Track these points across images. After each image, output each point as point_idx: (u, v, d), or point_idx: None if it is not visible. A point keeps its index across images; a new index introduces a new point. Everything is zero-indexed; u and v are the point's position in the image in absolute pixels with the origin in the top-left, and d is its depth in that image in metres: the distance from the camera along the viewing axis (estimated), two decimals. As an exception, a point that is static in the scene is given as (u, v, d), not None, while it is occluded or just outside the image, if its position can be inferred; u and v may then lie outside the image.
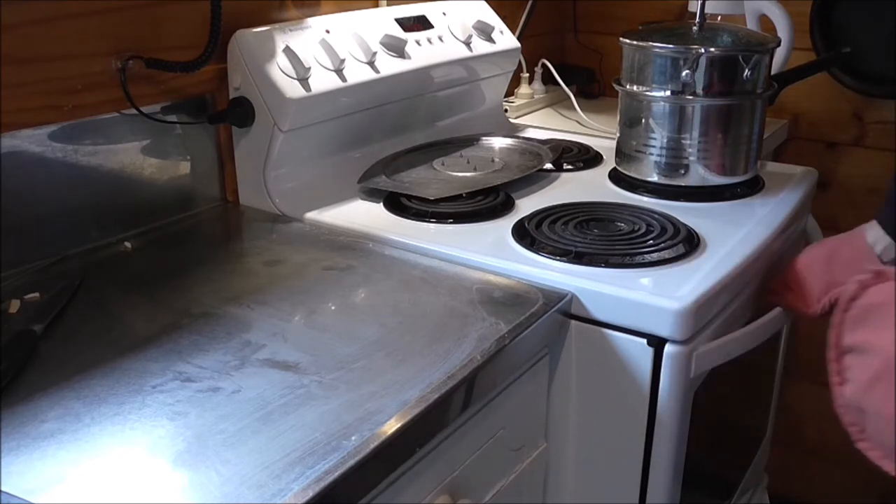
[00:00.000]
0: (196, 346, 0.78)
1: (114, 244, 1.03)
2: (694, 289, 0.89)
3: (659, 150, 1.18)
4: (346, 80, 1.16)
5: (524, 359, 0.87)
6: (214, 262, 1.00)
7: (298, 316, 0.85)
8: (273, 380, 0.73)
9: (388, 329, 0.82)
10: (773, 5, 1.44)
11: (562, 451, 0.98)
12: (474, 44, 1.38)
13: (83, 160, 1.00)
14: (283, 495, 0.58)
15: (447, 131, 1.41)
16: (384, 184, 1.17)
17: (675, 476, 0.95)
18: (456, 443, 0.79)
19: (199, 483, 0.60)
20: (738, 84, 1.15)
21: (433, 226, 1.07)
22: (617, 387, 0.92)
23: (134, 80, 1.02)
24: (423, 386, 0.72)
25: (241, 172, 1.17)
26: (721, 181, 1.18)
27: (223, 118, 1.13)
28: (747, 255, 0.99)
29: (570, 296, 0.90)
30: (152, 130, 1.07)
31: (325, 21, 1.19)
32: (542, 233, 1.02)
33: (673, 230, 1.03)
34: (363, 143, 1.27)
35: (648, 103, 1.18)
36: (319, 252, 1.01)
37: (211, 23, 1.05)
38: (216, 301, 0.88)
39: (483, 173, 1.22)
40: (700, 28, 1.18)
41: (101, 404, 0.69)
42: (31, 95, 0.93)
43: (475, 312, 0.85)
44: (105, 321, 0.85)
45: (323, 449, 0.63)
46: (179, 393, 0.71)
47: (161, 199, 1.10)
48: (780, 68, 1.42)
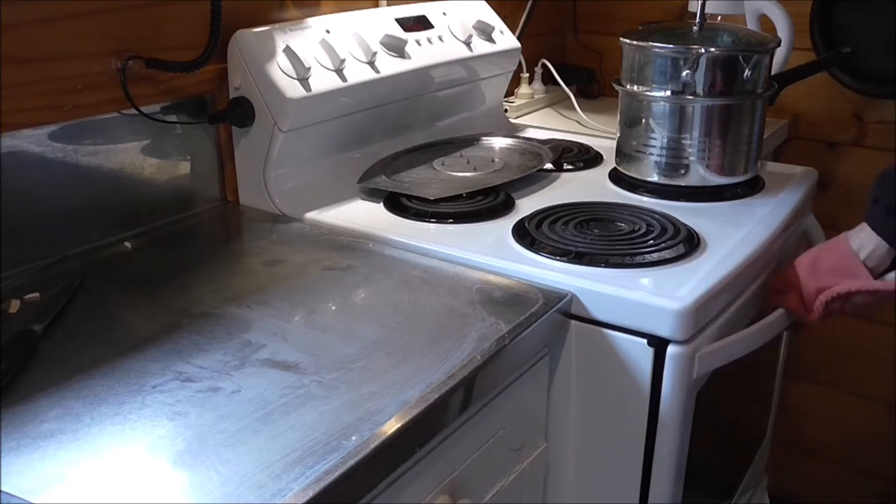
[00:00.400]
0: (196, 346, 0.78)
1: (114, 244, 1.03)
2: (694, 289, 0.89)
3: (659, 150, 1.18)
4: (346, 80, 1.16)
5: (524, 359, 0.87)
6: (214, 262, 1.00)
7: (298, 316, 0.85)
8: (273, 380, 0.73)
9: (388, 329, 0.82)
10: (773, 5, 1.44)
11: (562, 451, 0.98)
12: (474, 44, 1.38)
13: (83, 160, 1.00)
14: (283, 495, 0.58)
15: (447, 131, 1.41)
16: (384, 184, 1.17)
17: (677, 476, 0.95)
18: (456, 443, 0.79)
19: (199, 483, 0.60)
20: (739, 84, 1.15)
21: (433, 226, 1.07)
22: (617, 387, 0.92)
23: (134, 80, 1.02)
24: (423, 386, 0.72)
25: (241, 172, 1.17)
26: (721, 181, 1.18)
27: (223, 118, 1.13)
28: (747, 255, 0.99)
29: (570, 296, 0.90)
30: (152, 130, 1.07)
31: (326, 21, 1.19)
32: (542, 233, 1.02)
33: (673, 230, 1.03)
34: (363, 143, 1.27)
35: (648, 103, 1.18)
36: (319, 252, 1.01)
37: (211, 23, 1.05)
38: (216, 301, 0.88)
39: (483, 173, 1.22)
40: (700, 28, 1.18)
41: (101, 404, 0.69)
42: (31, 95, 0.93)
43: (475, 312, 0.85)
44: (105, 321, 0.85)
45: (323, 449, 0.63)
46: (179, 393, 0.71)
47: (161, 199, 1.10)
48: (780, 68, 1.42)
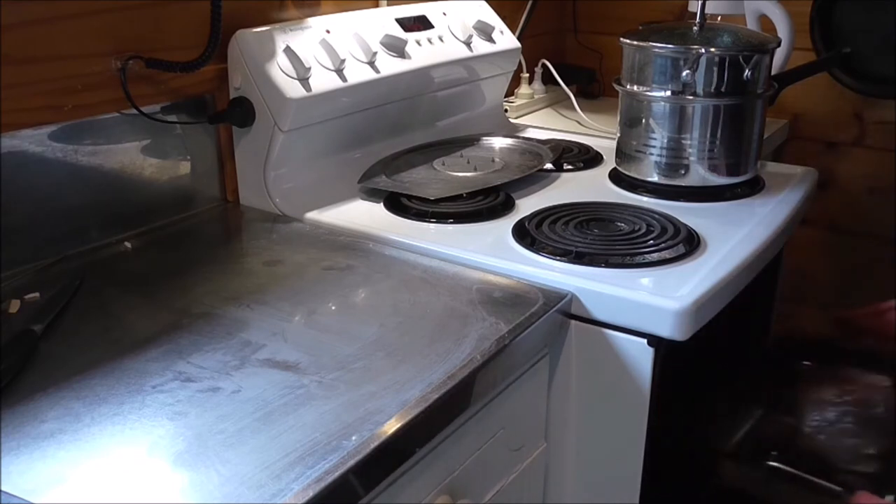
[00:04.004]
0: (196, 346, 0.78)
1: (114, 244, 1.03)
2: (694, 289, 0.89)
3: (659, 150, 1.18)
4: (346, 80, 1.16)
5: (524, 359, 0.87)
6: (214, 262, 1.00)
7: (298, 316, 0.85)
8: (273, 380, 0.73)
9: (388, 329, 0.82)
10: (773, 5, 1.44)
11: (562, 451, 0.98)
12: (474, 44, 1.38)
13: (83, 160, 1.00)
14: (283, 495, 0.58)
15: (447, 131, 1.41)
16: (384, 184, 1.17)
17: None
18: (456, 443, 0.79)
19: (199, 483, 0.60)
20: (739, 84, 1.15)
21: (433, 226, 1.07)
22: (617, 387, 0.92)
23: (134, 80, 1.02)
24: (423, 386, 0.72)
25: (241, 172, 1.17)
26: (721, 181, 1.18)
27: (223, 118, 1.13)
28: (747, 255, 0.99)
29: (570, 296, 0.90)
30: (152, 130, 1.07)
31: (326, 21, 1.19)
32: (542, 233, 1.02)
33: (673, 230, 1.03)
34: (363, 143, 1.26)
35: (649, 103, 1.18)
36: (319, 252, 1.01)
37: (211, 23, 1.05)
38: (216, 301, 0.88)
39: (483, 173, 1.22)
40: (700, 28, 1.18)
41: (101, 404, 0.69)
42: (31, 95, 0.93)
43: (475, 312, 0.85)
44: (105, 321, 0.85)
45: (323, 449, 0.63)
46: (179, 393, 0.71)
47: (161, 199, 1.10)
48: (780, 68, 1.42)
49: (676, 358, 0.91)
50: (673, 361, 0.90)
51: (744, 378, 1.18)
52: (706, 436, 1.11)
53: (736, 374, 1.19)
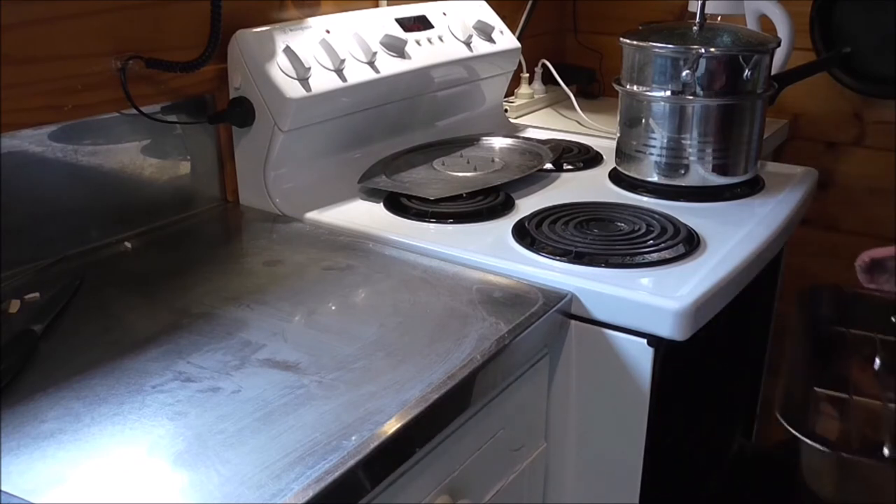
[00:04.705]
0: (196, 346, 0.78)
1: (114, 244, 1.03)
2: (694, 289, 0.89)
3: (659, 150, 1.18)
4: (346, 80, 1.16)
5: (524, 359, 0.87)
6: (214, 262, 1.00)
7: (298, 316, 0.85)
8: (273, 380, 0.73)
9: (388, 329, 0.82)
10: (773, 5, 1.44)
11: (562, 451, 0.98)
12: (474, 44, 1.38)
13: (83, 160, 1.00)
14: (283, 495, 0.58)
15: (447, 131, 1.41)
16: (384, 184, 1.17)
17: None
18: (456, 443, 0.79)
19: (199, 483, 0.60)
20: (739, 84, 1.15)
21: (433, 226, 1.07)
22: (617, 387, 0.92)
23: (134, 80, 1.02)
24: (423, 386, 0.72)
25: (241, 172, 1.17)
26: (721, 181, 1.18)
27: (223, 118, 1.13)
28: (747, 255, 0.99)
29: (570, 296, 0.90)
30: (152, 130, 1.07)
31: (326, 21, 1.19)
32: (542, 233, 1.02)
33: (673, 230, 1.03)
34: (363, 143, 1.27)
35: (648, 103, 1.18)
36: (319, 252, 1.01)
37: (211, 23, 1.05)
38: (216, 301, 0.88)
39: (483, 173, 1.22)
40: (700, 28, 1.18)
41: (101, 404, 0.69)
42: (31, 95, 0.93)
43: (475, 312, 0.85)
44: (105, 321, 0.85)
45: (323, 449, 0.63)
46: (179, 393, 0.71)
47: (161, 199, 1.10)
48: (780, 68, 1.42)
49: (676, 358, 0.91)
50: (673, 361, 0.91)
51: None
52: (706, 436, 1.11)
53: (736, 373, 1.19)
